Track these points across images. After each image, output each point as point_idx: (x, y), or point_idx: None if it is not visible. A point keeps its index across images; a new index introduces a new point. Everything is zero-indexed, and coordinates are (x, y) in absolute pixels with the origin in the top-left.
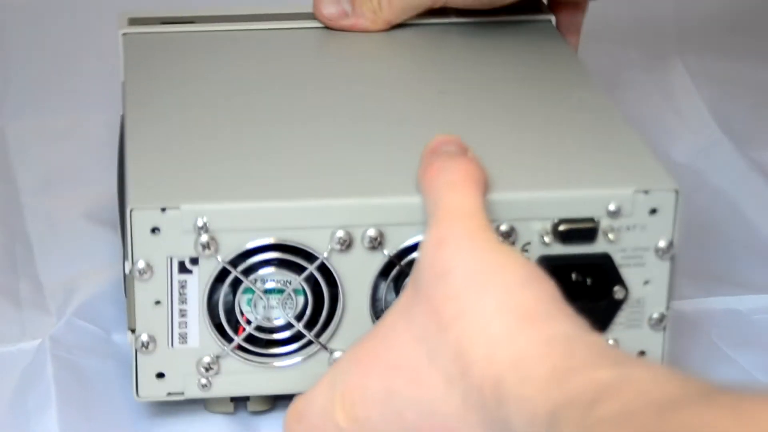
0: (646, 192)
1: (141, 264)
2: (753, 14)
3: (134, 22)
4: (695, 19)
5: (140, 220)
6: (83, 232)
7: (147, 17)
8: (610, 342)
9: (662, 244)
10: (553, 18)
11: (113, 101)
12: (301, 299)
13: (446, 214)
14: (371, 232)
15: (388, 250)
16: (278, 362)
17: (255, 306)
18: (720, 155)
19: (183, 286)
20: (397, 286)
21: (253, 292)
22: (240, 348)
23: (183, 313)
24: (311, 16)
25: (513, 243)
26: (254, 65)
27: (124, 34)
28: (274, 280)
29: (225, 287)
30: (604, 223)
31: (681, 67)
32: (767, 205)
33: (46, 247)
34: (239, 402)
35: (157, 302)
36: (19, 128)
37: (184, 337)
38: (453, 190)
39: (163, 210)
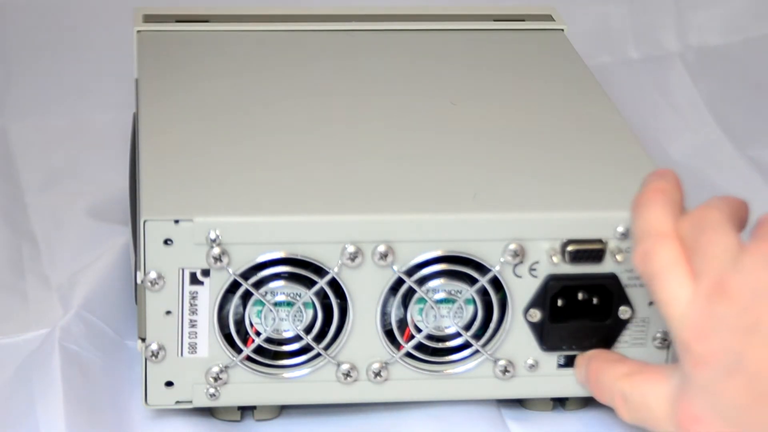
0: None
1: (153, 274)
2: (753, 14)
3: (149, 19)
4: (695, 19)
5: (153, 231)
6: (88, 228)
7: (162, 14)
8: None
9: None
10: (565, 28)
11: (116, 99)
12: (310, 312)
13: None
14: (381, 248)
15: (398, 266)
16: (286, 373)
17: (265, 318)
18: (719, 154)
19: (194, 297)
20: (406, 301)
21: (263, 304)
22: (249, 359)
23: (193, 324)
24: (328, 18)
25: (521, 262)
26: (269, 68)
27: (139, 32)
28: (284, 293)
29: (235, 299)
30: (612, 244)
31: (681, 66)
32: (766, 204)
33: (51, 244)
34: (246, 410)
35: (168, 312)
36: (21, 128)
37: (193, 347)
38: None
39: (177, 222)
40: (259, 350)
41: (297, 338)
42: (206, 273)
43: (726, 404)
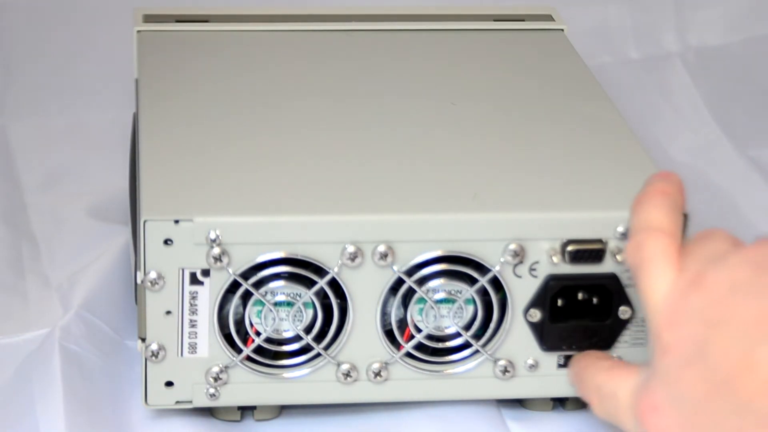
0: None
1: (153, 275)
2: (753, 14)
3: (149, 19)
4: (695, 19)
5: (153, 231)
6: (88, 228)
7: (162, 14)
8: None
9: None
10: (565, 28)
11: (115, 99)
12: (310, 312)
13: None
14: (381, 248)
15: (398, 266)
16: (286, 373)
17: (265, 318)
18: (719, 154)
19: (194, 297)
20: (406, 301)
21: (263, 304)
22: (249, 359)
23: (193, 324)
24: (328, 18)
25: (521, 262)
26: (269, 68)
27: (139, 32)
28: (284, 293)
29: (235, 299)
30: (612, 244)
31: (681, 66)
32: (766, 203)
33: (51, 244)
34: (246, 410)
35: (168, 312)
36: (21, 127)
37: (193, 347)
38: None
39: (177, 222)
40: (259, 350)
41: (297, 338)
42: (206, 273)
43: (682, 393)
